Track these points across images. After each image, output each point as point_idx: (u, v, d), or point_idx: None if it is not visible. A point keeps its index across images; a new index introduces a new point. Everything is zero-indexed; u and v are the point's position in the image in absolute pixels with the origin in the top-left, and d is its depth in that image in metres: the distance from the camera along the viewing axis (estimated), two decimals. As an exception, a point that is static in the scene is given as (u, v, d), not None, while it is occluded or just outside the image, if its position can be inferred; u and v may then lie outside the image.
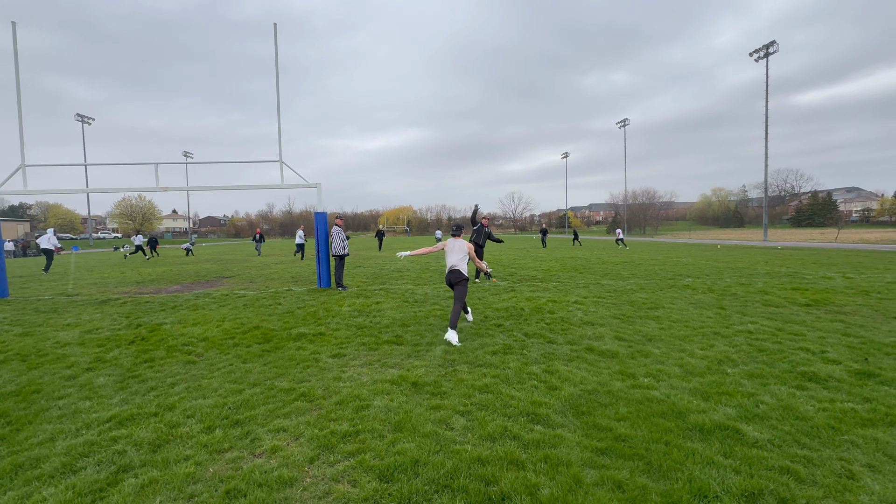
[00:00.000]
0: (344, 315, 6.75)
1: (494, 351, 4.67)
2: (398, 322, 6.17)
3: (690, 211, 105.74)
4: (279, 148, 9.79)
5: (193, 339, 5.40)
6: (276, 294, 9.13)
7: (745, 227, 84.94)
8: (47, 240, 14.96)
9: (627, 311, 6.71)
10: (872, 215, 79.95)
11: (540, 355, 4.51)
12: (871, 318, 5.97)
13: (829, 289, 8.53)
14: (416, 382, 3.77)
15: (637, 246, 30.17)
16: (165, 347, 5.08)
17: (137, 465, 2.57)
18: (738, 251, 22.10)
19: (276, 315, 6.84)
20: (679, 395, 3.37)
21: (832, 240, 34.55)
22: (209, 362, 4.53)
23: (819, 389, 3.48)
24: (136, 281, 12.47)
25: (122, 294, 9.74)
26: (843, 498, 2.17)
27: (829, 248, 24.28)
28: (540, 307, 7.04)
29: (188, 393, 3.66)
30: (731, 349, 4.60)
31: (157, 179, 9.58)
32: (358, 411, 3.24)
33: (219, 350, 4.96)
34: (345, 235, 9.72)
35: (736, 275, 11.26)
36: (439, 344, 5.00)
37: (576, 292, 8.61)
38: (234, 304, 7.93)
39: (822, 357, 4.28)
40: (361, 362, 4.46)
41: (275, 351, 4.88)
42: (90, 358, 4.75)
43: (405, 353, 4.74)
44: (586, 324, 5.88)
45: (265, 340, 5.31)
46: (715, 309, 6.75)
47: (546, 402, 3.32)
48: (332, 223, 9.93)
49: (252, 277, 12.75)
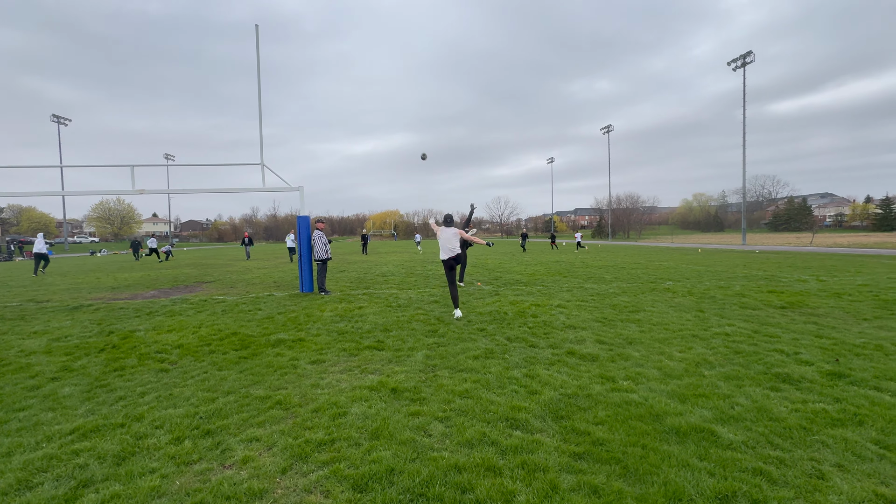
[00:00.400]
0: (325, 320, 6.64)
1: (476, 356, 4.64)
2: (380, 327, 6.10)
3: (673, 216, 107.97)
4: (261, 151, 9.64)
5: (167, 347, 5.24)
6: (257, 299, 8.96)
7: (725, 231, 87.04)
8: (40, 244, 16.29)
9: (609, 314, 6.77)
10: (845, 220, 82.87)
11: (522, 359, 4.50)
12: (843, 320, 6.14)
13: (803, 291, 8.76)
14: (396, 388, 3.71)
15: (621, 250, 30.59)
16: (137, 355, 4.91)
17: (99, 480, 2.45)
18: (717, 255, 22.60)
19: (256, 321, 6.70)
20: (657, 398, 3.39)
21: (807, 244, 35.63)
22: (183, 370, 4.39)
23: (792, 390, 3.55)
24: (112, 286, 12.10)
25: (95, 300, 9.43)
26: (812, 498, 2.19)
27: (805, 251, 25.02)
28: (523, 311, 7.05)
29: (158, 402, 3.53)
30: (708, 351, 4.67)
31: (133, 182, 9.33)
32: (335, 419, 3.17)
33: (194, 357, 4.82)
34: (327, 239, 9.62)
35: (715, 278, 11.49)
36: (421, 349, 4.96)
37: (559, 296, 8.66)
38: (212, 310, 7.74)
39: (795, 358, 4.37)
40: (341, 368, 4.38)
41: (252, 358, 4.76)
42: (56, 367, 4.56)
43: (386, 358, 4.68)
44: (568, 327, 5.90)
45: (243, 347, 5.18)
46: (694, 312, 6.86)
47: (526, 406, 3.30)
48: (313, 227, 9.82)
49: (233, 282, 12.50)
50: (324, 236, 9.67)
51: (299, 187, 9.86)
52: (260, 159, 9.66)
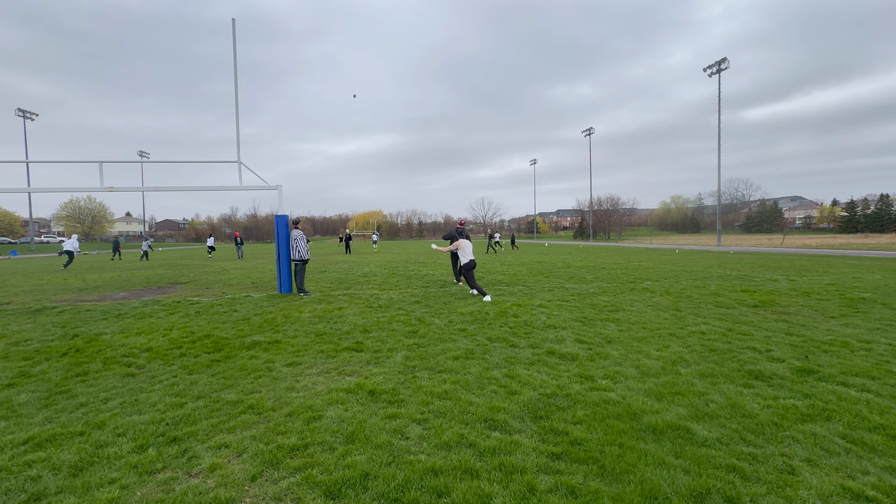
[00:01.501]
0: (303, 322, 6.49)
1: (456, 356, 4.60)
2: (360, 328, 6.00)
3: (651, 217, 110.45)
4: (237, 148, 9.39)
5: (135, 350, 5.03)
6: (233, 301, 8.71)
7: (702, 232, 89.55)
8: (70, 244, 19.20)
9: (589, 313, 6.82)
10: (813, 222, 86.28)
11: (502, 359, 4.47)
12: (812, 318, 6.34)
13: (774, 290, 9.03)
14: (374, 391, 3.63)
15: (601, 251, 31.08)
16: (102, 359, 4.69)
17: (53, 492, 2.31)
18: (694, 256, 23.18)
19: (231, 322, 6.50)
20: (634, 397, 3.41)
21: (778, 245, 36.93)
22: (151, 374, 4.21)
23: (764, 387, 3.62)
24: (79, 288, 11.60)
25: (60, 302, 9.01)
26: (783, 493, 2.22)
27: (776, 252, 25.92)
28: (505, 311, 7.05)
29: (122, 409, 3.37)
30: (684, 350, 4.74)
31: (101, 179, 8.95)
32: (309, 423, 3.07)
33: (163, 361, 4.63)
34: (307, 240, 9.45)
35: (692, 278, 11.75)
36: (401, 350, 4.88)
37: (541, 296, 8.70)
38: (185, 312, 7.49)
39: (767, 356, 4.48)
40: (318, 371, 4.27)
41: (225, 361, 4.60)
42: (13, 373, 4.31)
43: (365, 360, 4.59)
44: (549, 327, 5.92)
45: (216, 349, 5.01)
46: (671, 311, 6.98)
47: (505, 407, 3.27)
48: (292, 227, 9.63)
49: (209, 283, 12.14)
50: (304, 236, 9.50)
51: (278, 186, 9.64)
52: (237, 157, 9.41)
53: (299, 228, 9.59)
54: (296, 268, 9.38)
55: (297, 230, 9.52)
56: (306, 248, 9.43)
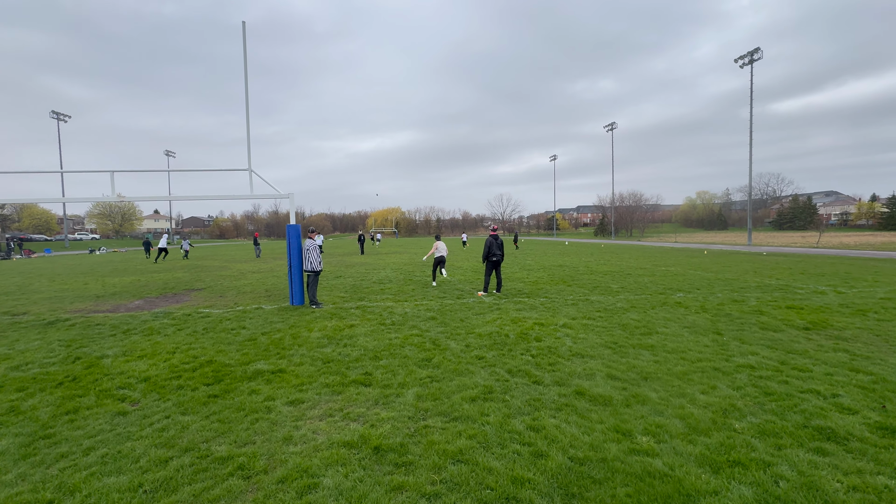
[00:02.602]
0: (311, 343, 6.14)
1: (473, 396, 4.14)
2: (370, 353, 5.60)
3: (676, 213, 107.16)
4: (248, 156, 9.12)
5: (132, 380, 4.75)
6: (244, 314, 8.47)
7: (729, 229, 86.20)
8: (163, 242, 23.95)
9: (619, 337, 6.25)
10: (850, 219, 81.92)
11: (524, 403, 3.99)
12: (875, 346, 5.61)
13: (824, 307, 8.22)
14: (379, 446, 3.21)
15: (625, 251, 30.00)
16: (97, 391, 4.42)
17: None
18: (724, 257, 22.02)
19: (236, 344, 6.20)
20: (684, 467, 2.88)
21: (814, 244, 34.99)
22: (143, 413, 3.90)
23: (841, 454, 3.03)
24: (97, 295, 11.63)
25: (74, 313, 8.96)
26: None
27: (813, 254, 24.41)
28: (526, 333, 6.54)
29: (102, 465, 3.04)
30: (735, 392, 4.15)
31: (112, 188, 8.82)
32: (302, 495, 2.67)
33: (159, 395, 4.33)
34: (320, 250, 9.12)
35: (727, 288, 10.95)
36: (412, 385, 4.45)
37: (564, 311, 8.14)
38: (193, 328, 7.25)
39: (835, 403, 3.85)
40: (321, 412, 3.89)
41: (223, 396, 4.26)
42: (3, 408, 4.07)
43: (372, 397, 4.18)
44: (575, 355, 5.39)
45: (215, 380, 4.68)
46: (711, 335, 6.33)
47: (530, 477, 2.80)
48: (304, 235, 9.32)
49: (223, 290, 12.02)
50: (317, 246, 9.17)
51: (290, 194, 9.34)
52: (247, 164, 9.14)
53: (313, 238, 9.26)
54: (308, 279, 9.08)
55: (311, 240, 9.20)
56: (319, 259, 9.10)
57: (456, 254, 27.31)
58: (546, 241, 55.17)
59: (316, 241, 9.12)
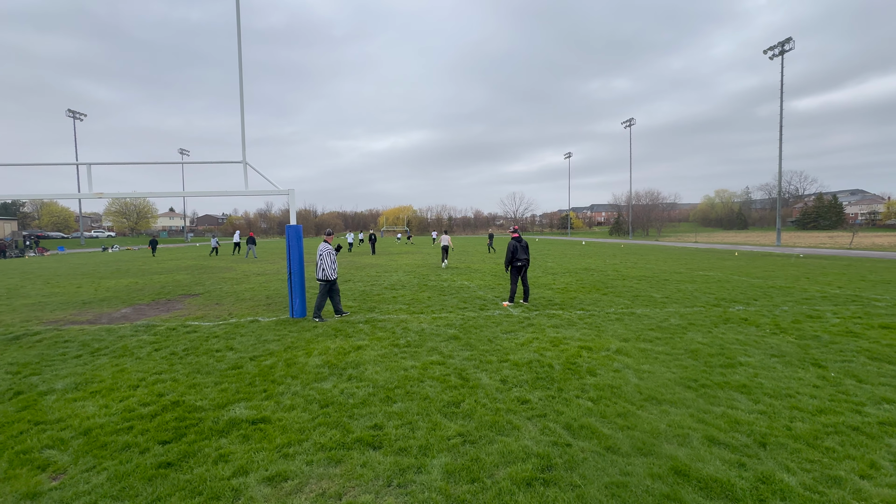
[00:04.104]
0: (308, 374, 4.97)
1: (527, 477, 2.90)
2: (381, 392, 4.40)
3: (694, 212, 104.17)
4: (243, 147, 8.01)
5: (69, 432, 3.62)
6: (235, 328, 7.34)
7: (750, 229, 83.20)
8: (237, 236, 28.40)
9: (694, 370, 4.95)
10: (879, 218, 78.26)
11: (604, 493, 2.73)
12: None
13: (928, 327, 6.78)
14: (395, 590, 2.00)
15: (647, 251, 28.36)
16: (14, 453, 3.30)
17: None
18: (759, 260, 20.37)
19: (217, 374, 5.05)
20: None
21: (846, 245, 32.89)
22: (61, 496, 2.76)
23: None
24: (84, 300, 10.67)
25: (49, 324, 7.95)
26: None
27: (853, 256, 22.55)
28: (573, 361, 5.27)
29: None
30: (910, 476, 2.84)
31: (90, 185, 7.79)
32: None
33: (95, 459, 3.18)
34: (335, 256, 7.90)
35: (790, 299, 9.50)
36: (438, 451, 3.24)
37: (611, 330, 6.85)
38: (172, 348, 6.14)
39: None
40: (310, 499, 2.70)
41: (180, 465, 3.10)
42: None
43: (383, 473, 2.98)
44: (648, 400, 4.12)
45: (176, 436, 3.53)
46: (811, 368, 4.99)
47: None
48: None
49: (221, 296, 10.97)
50: (332, 251, 7.93)
51: (290, 190, 8.21)
52: (242, 157, 8.02)
53: (328, 242, 8.05)
54: (319, 286, 7.87)
55: (326, 243, 7.99)
56: (333, 266, 7.86)
57: (468, 254, 26.04)
58: (562, 241, 53.55)
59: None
